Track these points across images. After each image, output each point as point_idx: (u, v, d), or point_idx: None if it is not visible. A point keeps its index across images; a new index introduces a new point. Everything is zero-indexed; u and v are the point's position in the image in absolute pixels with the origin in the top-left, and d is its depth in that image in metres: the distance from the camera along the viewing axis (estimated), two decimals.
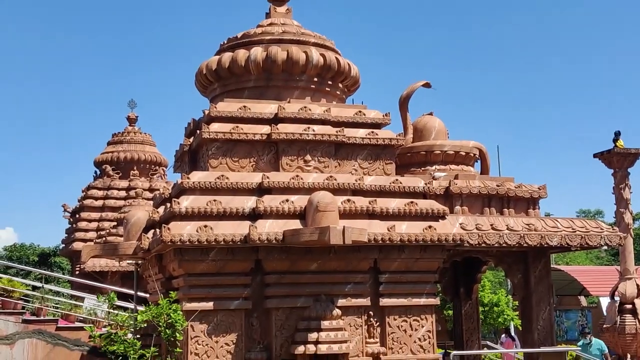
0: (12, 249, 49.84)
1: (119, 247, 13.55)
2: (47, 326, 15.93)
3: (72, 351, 15.89)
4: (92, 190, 26.90)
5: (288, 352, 11.68)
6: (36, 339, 15.72)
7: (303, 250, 11.93)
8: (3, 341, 15.50)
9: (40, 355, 15.69)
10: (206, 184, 12.17)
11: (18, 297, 16.64)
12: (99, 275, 23.99)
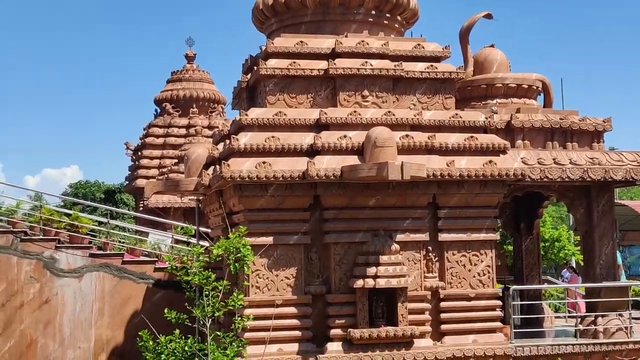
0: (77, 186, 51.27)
1: (180, 183, 13.79)
2: (113, 260, 16.45)
3: (137, 284, 16.41)
4: (153, 128, 27.30)
5: (347, 286, 11.81)
6: (103, 272, 16.26)
7: (361, 186, 11.92)
8: (72, 274, 16.08)
9: (107, 288, 16.25)
10: (264, 121, 12.19)
11: (85, 232, 17.16)
12: (162, 211, 24.51)
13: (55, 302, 15.93)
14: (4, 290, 15.68)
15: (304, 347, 11.61)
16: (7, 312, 15.65)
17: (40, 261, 15.92)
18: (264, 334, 10.50)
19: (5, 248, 15.79)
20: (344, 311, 11.74)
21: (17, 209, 18.32)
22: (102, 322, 16.16)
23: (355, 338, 11.46)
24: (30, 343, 15.76)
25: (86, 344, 16.04)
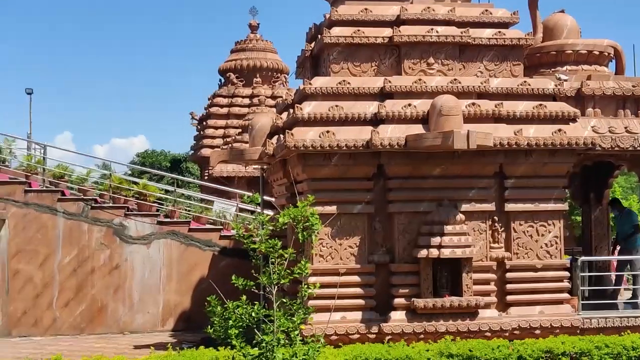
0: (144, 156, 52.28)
1: (244, 152, 13.90)
2: (180, 227, 16.78)
3: (203, 251, 16.72)
4: (217, 98, 27.54)
5: (410, 256, 11.77)
6: (170, 239, 16.61)
7: (426, 155, 11.80)
8: (140, 241, 16.47)
9: (175, 255, 16.60)
10: (328, 90, 12.15)
11: (152, 200, 17.51)
12: (227, 180, 24.82)
13: (125, 268, 16.37)
14: (75, 256, 16.17)
15: (367, 316, 11.66)
16: (79, 277, 16.16)
17: (110, 228, 16.35)
18: (328, 302, 10.57)
19: (77, 215, 16.25)
20: (408, 280, 11.72)
21: (87, 178, 18.81)
22: (169, 288, 16.55)
23: (419, 308, 11.44)
24: (101, 307, 16.27)
25: (154, 308, 16.47)
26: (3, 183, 16.18)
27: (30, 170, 17.29)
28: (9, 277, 15.86)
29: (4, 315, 15.82)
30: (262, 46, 28.56)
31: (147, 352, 11.47)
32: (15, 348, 14.50)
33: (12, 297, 15.88)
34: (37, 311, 15.97)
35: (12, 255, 15.91)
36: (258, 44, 28.58)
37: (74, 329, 16.07)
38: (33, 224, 16.04)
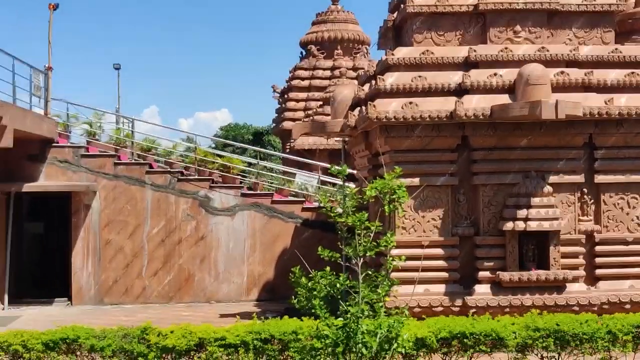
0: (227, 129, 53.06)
1: (326, 124, 13.92)
2: (263, 199, 16.99)
3: (286, 223, 16.89)
4: (298, 71, 27.60)
5: (496, 228, 11.59)
6: (254, 211, 16.85)
7: (512, 126, 11.55)
8: (225, 212, 16.78)
9: (258, 226, 16.84)
10: (411, 60, 12.00)
11: (236, 173, 17.79)
12: (308, 153, 24.91)
13: (210, 239, 16.73)
14: (163, 227, 16.61)
15: (450, 289, 11.58)
16: (166, 248, 16.61)
17: (196, 200, 16.71)
18: (411, 274, 10.54)
19: (164, 187, 16.67)
20: (493, 253, 11.56)
21: (173, 151, 19.23)
22: (253, 259, 16.83)
23: (505, 281, 11.28)
24: (188, 277, 16.69)
25: (239, 278, 16.80)
26: (94, 156, 16.72)
27: (119, 143, 17.80)
28: (100, 247, 16.45)
29: (96, 283, 16.43)
30: (343, 17, 28.38)
31: (232, 320, 11.73)
32: (107, 315, 15.06)
33: (103, 266, 16.47)
34: (127, 280, 16.52)
35: (104, 225, 16.47)
36: (339, 15, 28.41)
37: (162, 298, 16.57)
38: (122, 195, 16.55)
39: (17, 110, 14.01)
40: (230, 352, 8.48)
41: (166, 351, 8.43)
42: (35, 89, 16.15)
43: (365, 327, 6.55)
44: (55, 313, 15.31)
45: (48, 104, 17.05)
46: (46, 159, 16.38)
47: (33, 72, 15.91)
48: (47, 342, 8.44)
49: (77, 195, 16.39)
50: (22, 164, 16.23)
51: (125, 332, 8.64)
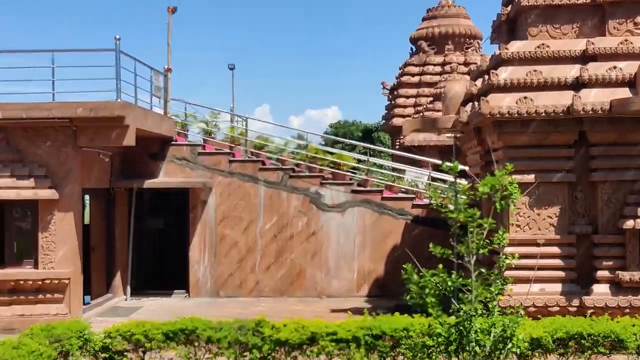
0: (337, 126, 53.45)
1: (437, 121, 13.81)
2: (373, 196, 17.04)
3: (396, 219, 16.87)
4: (408, 67, 27.46)
5: (615, 227, 11.17)
6: (364, 207, 16.92)
7: (633, 121, 11.10)
8: (335, 209, 16.93)
9: (368, 222, 16.90)
10: (525, 54, 11.73)
11: (346, 170, 17.90)
12: (418, 149, 24.77)
13: (321, 235, 16.93)
14: (276, 223, 16.95)
15: (567, 288, 11.26)
16: (279, 243, 16.94)
17: (307, 196, 16.96)
18: (526, 273, 10.32)
19: (276, 184, 17.00)
20: (612, 253, 11.16)
21: (284, 148, 19.56)
22: (363, 255, 16.91)
23: (624, 281, 10.87)
24: (300, 272, 16.96)
25: (349, 274, 16.92)
26: (210, 154, 17.25)
27: (234, 141, 18.28)
28: (216, 241, 16.96)
29: (212, 276, 16.96)
30: (454, 12, 28.00)
31: (343, 316, 11.81)
32: (222, 308, 15.52)
33: (219, 260, 16.98)
34: (241, 274, 16.96)
35: (219, 221, 16.98)
36: (450, 10, 28.05)
37: (274, 292, 16.91)
38: (237, 192, 17.00)
39: (139, 111, 14.65)
40: (342, 346, 8.58)
41: (279, 344, 8.62)
42: (156, 89, 16.81)
43: (478, 326, 6.49)
44: (174, 305, 15.91)
45: (167, 104, 17.72)
46: (165, 157, 17.04)
47: (153, 73, 16.58)
48: (167, 332, 8.80)
49: (194, 192, 16.97)
50: (143, 161, 16.96)
51: (240, 324, 8.89)
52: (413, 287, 6.76)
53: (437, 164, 18.42)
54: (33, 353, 7.72)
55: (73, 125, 13.78)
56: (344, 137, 45.28)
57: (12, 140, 13.92)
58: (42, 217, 13.83)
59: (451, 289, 6.67)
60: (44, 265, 13.79)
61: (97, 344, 8.80)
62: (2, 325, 13.41)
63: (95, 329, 9.21)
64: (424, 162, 20.81)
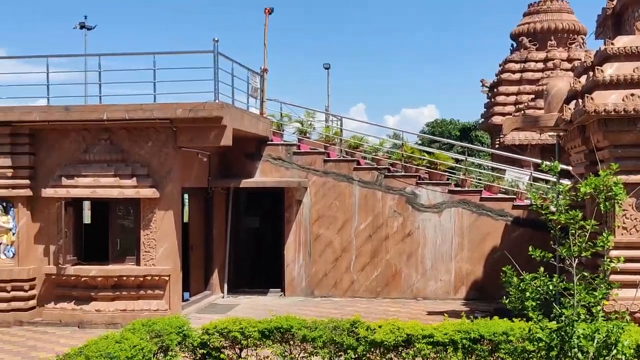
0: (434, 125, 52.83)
1: (539, 119, 13.38)
2: (471, 196, 16.69)
3: (495, 220, 16.47)
4: (509, 64, 26.80)
5: None
6: (461, 208, 16.60)
7: None
8: (431, 209, 16.69)
9: (466, 223, 16.57)
10: (632, 49, 11.20)
11: (443, 170, 17.61)
12: (518, 148, 24.14)
13: (417, 236, 16.72)
14: (370, 223, 16.86)
15: None
16: (373, 243, 16.84)
17: (402, 196, 16.78)
18: (632, 277, 9.84)
19: (371, 183, 16.91)
20: None
21: (380, 147, 19.42)
22: (461, 256, 16.59)
23: None
24: (395, 273, 16.81)
25: (446, 276, 16.64)
26: (305, 153, 17.33)
27: (328, 141, 18.30)
28: (311, 241, 17.03)
29: (307, 276, 17.04)
30: (557, 7, 27.14)
31: (440, 318, 11.60)
32: (317, 307, 15.57)
33: (314, 259, 17.03)
34: (336, 274, 16.96)
35: (314, 220, 17.03)
36: (553, 5, 27.20)
37: (369, 292, 16.82)
38: (331, 191, 17.01)
39: (236, 111, 14.87)
40: (439, 350, 8.41)
41: (374, 345, 8.54)
42: (252, 90, 17.03)
43: (581, 331, 6.21)
44: (269, 303, 16.08)
45: (263, 104, 17.93)
46: (261, 157, 17.25)
47: (250, 74, 16.80)
48: (263, 330, 8.86)
49: (290, 191, 17.10)
50: (240, 161, 17.22)
51: (335, 324, 8.85)
52: (512, 291, 6.55)
53: (538, 163, 17.88)
54: (134, 347, 7.92)
55: (173, 125, 14.13)
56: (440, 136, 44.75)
57: (116, 140, 14.40)
58: (144, 215, 14.24)
59: (552, 293, 6.43)
60: (145, 262, 14.19)
61: (196, 340, 8.96)
62: (105, 320, 13.89)
63: (194, 325, 9.38)
64: (525, 162, 20.26)
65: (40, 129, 14.48)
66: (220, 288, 17.25)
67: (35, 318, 14.38)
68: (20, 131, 14.40)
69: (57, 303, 14.34)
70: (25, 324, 14.18)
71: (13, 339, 13.04)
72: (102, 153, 14.31)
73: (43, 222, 14.52)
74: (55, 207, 14.34)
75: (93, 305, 14.07)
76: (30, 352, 11.94)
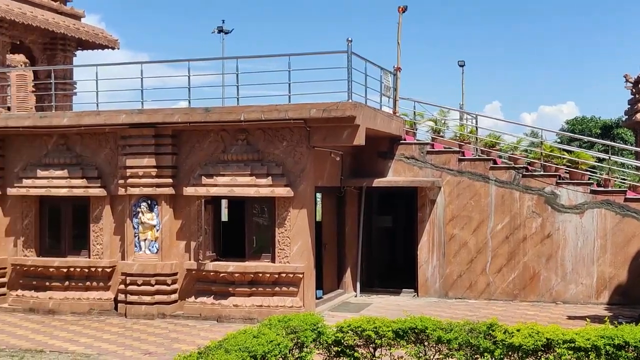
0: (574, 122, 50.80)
1: None
2: (615, 197, 15.89)
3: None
4: None
5: None
6: (604, 209, 15.83)
7: None
8: (572, 210, 16.02)
9: (609, 225, 15.79)
10: None
11: (584, 169, 16.88)
12: None
13: (557, 237, 16.10)
14: (507, 224, 16.40)
15: None
16: (510, 245, 16.36)
17: (541, 196, 16.21)
18: None
19: (508, 183, 16.44)
20: None
21: (517, 146, 18.88)
22: (603, 260, 15.84)
23: None
24: (533, 275, 16.26)
25: (588, 280, 15.93)
26: (439, 152, 17.09)
27: (463, 139, 17.97)
28: (445, 241, 16.76)
29: (441, 277, 16.79)
30: None
31: (581, 323, 11.13)
32: (451, 309, 15.32)
33: (447, 260, 16.76)
34: (471, 275, 16.61)
35: (448, 220, 16.76)
36: None
37: (506, 295, 16.36)
38: (466, 191, 16.67)
39: (369, 110, 14.86)
40: (580, 355, 8.05)
41: (512, 349, 8.28)
42: (385, 89, 16.97)
43: None
44: (402, 303, 15.97)
45: (396, 103, 17.82)
46: (394, 156, 17.15)
47: (383, 73, 16.74)
48: (397, 330, 8.80)
49: (423, 191, 16.91)
50: (372, 160, 17.21)
51: (471, 326, 8.66)
52: None
53: None
54: (271, 342, 8.07)
55: (307, 125, 14.31)
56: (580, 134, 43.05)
57: (252, 140, 14.76)
58: (278, 213, 14.52)
59: None
60: (280, 260, 14.47)
61: (330, 338, 9.02)
62: (242, 315, 14.27)
63: (327, 322, 9.44)
64: None
65: (182, 130, 15.07)
66: (353, 287, 17.31)
67: (177, 311, 14.98)
68: (163, 132, 15.04)
69: (197, 297, 14.87)
70: (167, 316, 14.80)
71: (157, 330, 13.64)
72: (239, 153, 14.72)
73: (184, 219, 15.11)
74: (196, 205, 14.88)
75: (231, 301, 14.49)
76: (172, 343, 12.45)
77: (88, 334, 13.43)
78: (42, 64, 18.90)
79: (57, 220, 16.10)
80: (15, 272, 16.10)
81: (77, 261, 15.57)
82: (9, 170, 16.17)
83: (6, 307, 15.90)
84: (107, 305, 15.35)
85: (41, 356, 11.63)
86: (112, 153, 15.53)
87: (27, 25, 17.47)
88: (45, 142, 15.98)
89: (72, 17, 19.35)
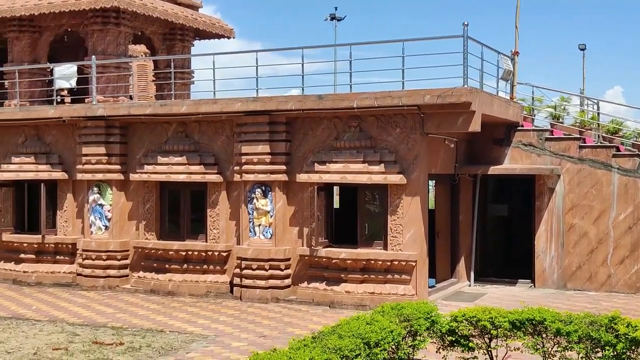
0: None
1: None
2: None
3: None
4: None
5: None
6: None
7: None
8: None
9: None
10: None
11: None
12: None
13: None
14: (631, 213, 15.67)
15: None
16: (634, 235, 15.63)
17: None
18: None
19: (632, 171, 15.69)
20: None
21: None
22: None
23: None
24: None
25: None
26: (558, 139, 16.50)
27: (583, 126, 17.27)
28: (564, 231, 16.19)
29: (559, 267, 16.24)
30: None
31: None
32: (569, 300, 14.81)
33: (566, 251, 16.18)
34: (591, 266, 15.98)
35: (567, 210, 16.17)
36: None
37: (628, 287, 15.66)
38: (587, 179, 16.02)
39: (485, 96, 14.50)
40: None
41: (636, 343, 7.90)
42: (506, 73, 16.46)
43: None
44: (518, 293, 15.56)
45: (514, 89, 17.31)
46: (511, 143, 16.68)
47: (500, 57, 16.28)
48: (513, 321, 8.57)
49: (541, 179, 16.37)
50: (488, 147, 16.80)
51: (592, 319, 8.32)
52: None
53: None
54: (384, 330, 8.03)
55: (421, 112, 14.13)
56: None
57: (365, 127, 14.71)
58: (391, 201, 14.42)
59: None
60: (392, 247, 14.39)
61: (444, 327, 8.89)
62: (354, 301, 14.30)
63: (441, 312, 9.31)
64: None
65: (295, 117, 15.21)
66: (467, 276, 17.02)
67: (290, 296, 15.19)
68: (277, 119, 15.23)
69: (309, 283, 15.03)
70: (281, 301, 15.04)
71: (271, 314, 13.89)
72: (351, 140, 14.71)
73: (297, 206, 15.28)
74: (309, 192, 15.01)
75: (343, 287, 14.55)
76: (286, 327, 12.64)
77: (205, 315, 13.84)
78: (162, 54, 19.57)
79: (176, 205, 16.64)
80: (137, 255, 16.79)
81: (195, 245, 16.04)
82: (131, 156, 16.85)
83: (129, 288, 16.61)
84: (223, 288, 15.75)
85: (161, 336, 12.06)
86: (228, 140, 15.87)
87: (148, 16, 18.11)
88: (165, 129, 16.52)
89: (190, 7, 19.91)
